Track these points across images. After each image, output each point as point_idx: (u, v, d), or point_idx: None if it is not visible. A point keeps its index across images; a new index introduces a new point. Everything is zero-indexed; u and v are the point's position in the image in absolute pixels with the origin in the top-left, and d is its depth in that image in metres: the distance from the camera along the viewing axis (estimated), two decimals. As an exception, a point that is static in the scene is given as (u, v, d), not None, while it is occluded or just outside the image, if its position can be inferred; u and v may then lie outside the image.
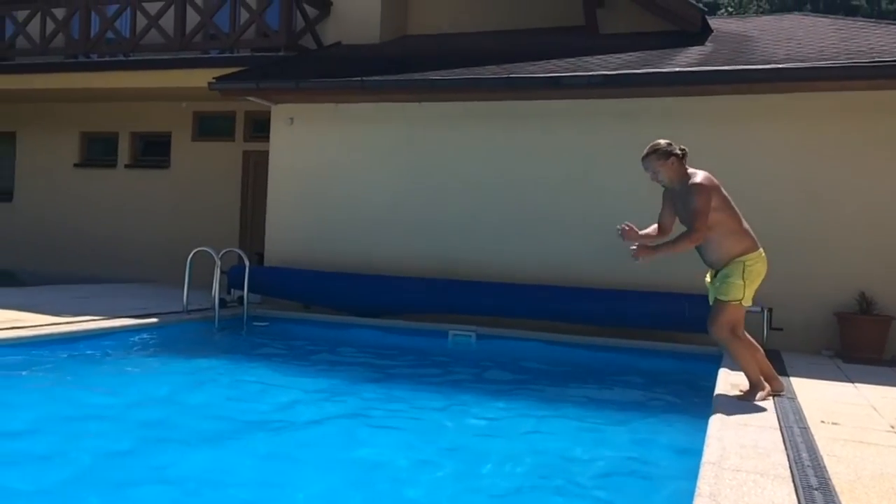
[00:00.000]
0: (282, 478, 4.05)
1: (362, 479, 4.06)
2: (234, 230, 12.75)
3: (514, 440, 4.93)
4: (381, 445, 4.68)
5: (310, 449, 4.59)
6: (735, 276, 4.97)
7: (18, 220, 14.44)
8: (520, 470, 4.31)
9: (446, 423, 5.33)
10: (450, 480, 4.11)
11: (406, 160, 9.87)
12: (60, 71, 12.47)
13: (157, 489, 3.73)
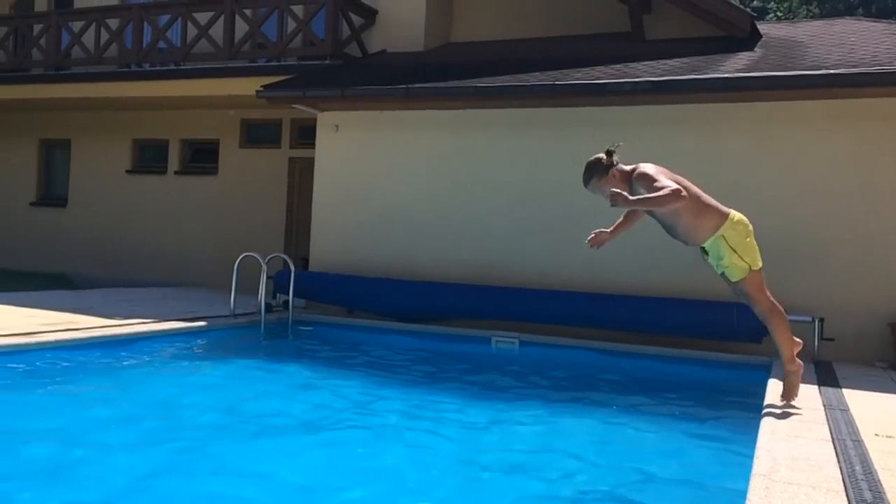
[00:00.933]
0: (326, 480, 4.10)
1: (401, 487, 4.08)
2: (279, 236, 12.92)
3: (559, 449, 4.91)
4: (424, 451, 4.69)
5: (352, 451, 4.64)
6: (725, 256, 4.87)
7: (72, 225, 14.84)
8: (564, 478, 4.30)
9: (492, 430, 5.33)
10: (501, 490, 4.09)
11: (450, 167, 9.91)
12: (114, 80, 12.82)
13: (219, 480, 3.93)
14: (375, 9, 12.14)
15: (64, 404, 5.37)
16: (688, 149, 8.65)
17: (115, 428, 4.82)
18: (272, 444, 4.63)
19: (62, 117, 14.97)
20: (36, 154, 15.54)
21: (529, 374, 7.30)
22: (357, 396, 5.98)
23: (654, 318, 8.15)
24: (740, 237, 4.84)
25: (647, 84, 8.35)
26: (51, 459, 4.12)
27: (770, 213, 7.98)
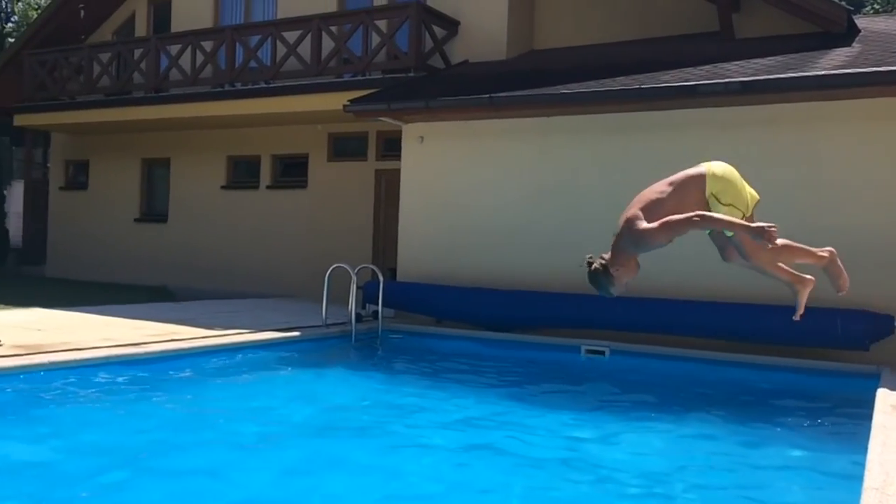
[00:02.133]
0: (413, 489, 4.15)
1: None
2: (367, 246, 13.16)
3: (657, 461, 4.82)
4: (518, 461, 4.68)
5: (456, 461, 4.68)
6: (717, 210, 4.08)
7: (172, 240, 15.52)
8: (665, 492, 4.21)
9: (588, 440, 5.28)
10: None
11: (537, 174, 9.87)
12: (209, 100, 13.38)
13: (329, 473, 4.30)
14: (458, 20, 12.25)
15: (184, 411, 5.70)
16: (783, 150, 8.36)
17: (238, 432, 5.09)
18: (383, 449, 4.75)
19: (162, 137, 15.69)
20: (139, 173, 16.34)
21: (624, 384, 7.19)
22: (456, 407, 6.02)
23: (754, 326, 7.89)
24: (732, 188, 4.06)
25: (738, 84, 8.12)
26: (192, 461, 4.44)
27: (877, 212, 7.62)
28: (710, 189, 3.98)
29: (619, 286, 4.04)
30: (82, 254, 16.58)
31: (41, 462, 4.37)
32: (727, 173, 4.08)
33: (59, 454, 4.51)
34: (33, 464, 4.32)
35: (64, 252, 17.04)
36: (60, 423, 5.21)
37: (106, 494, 3.87)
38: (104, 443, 4.76)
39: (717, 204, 4.02)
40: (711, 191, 3.99)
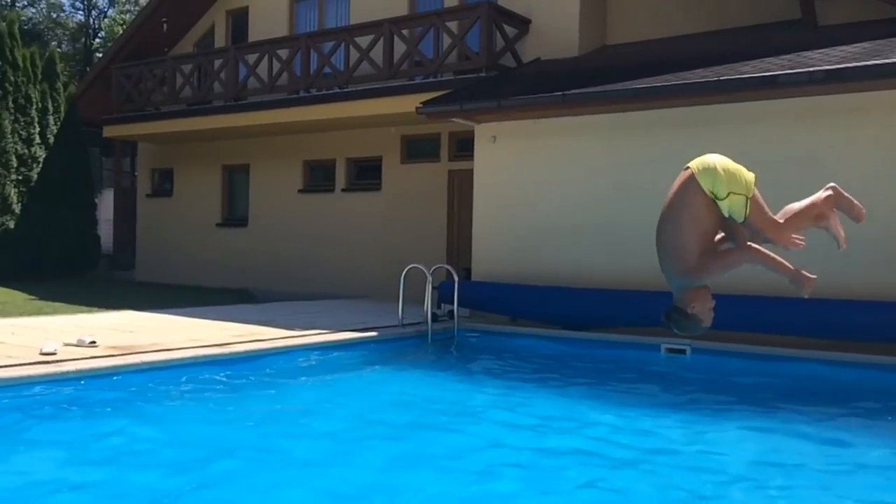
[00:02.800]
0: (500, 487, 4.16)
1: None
2: (441, 247, 13.24)
3: (744, 460, 4.71)
4: (602, 462, 4.64)
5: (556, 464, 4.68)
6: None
7: (252, 244, 15.97)
8: (756, 491, 4.11)
9: (672, 439, 5.20)
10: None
11: (612, 171, 9.75)
12: (286, 106, 13.71)
13: (412, 471, 4.42)
14: (528, 18, 12.21)
15: (269, 408, 5.90)
16: (872, 139, 8.03)
17: (322, 428, 5.26)
18: (465, 449, 4.80)
19: (241, 144, 16.17)
20: (220, 179, 16.87)
21: (707, 383, 7.04)
22: (536, 407, 6.00)
23: (843, 321, 7.59)
24: (726, 176, 3.68)
25: (823, 73, 7.83)
26: (284, 454, 4.64)
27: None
28: (706, 187, 3.66)
29: (706, 317, 3.72)
30: (168, 258, 17.24)
31: (148, 451, 4.63)
32: (714, 163, 3.73)
33: (163, 446, 4.77)
34: (137, 451, 4.55)
35: (151, 257, 17.75)
36: (160, 417, 5.47)
37: (213, 484, 4.10)
38: (201, 436, 5.00)
39: (717, 200, 3.68)
40: (708, 188, 3.66)
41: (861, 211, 4.00)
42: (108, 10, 35.66)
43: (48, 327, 8.31)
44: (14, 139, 15.73)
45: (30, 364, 5.92)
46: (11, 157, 15.66)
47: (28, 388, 5.49)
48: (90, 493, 3.86)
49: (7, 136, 15.55)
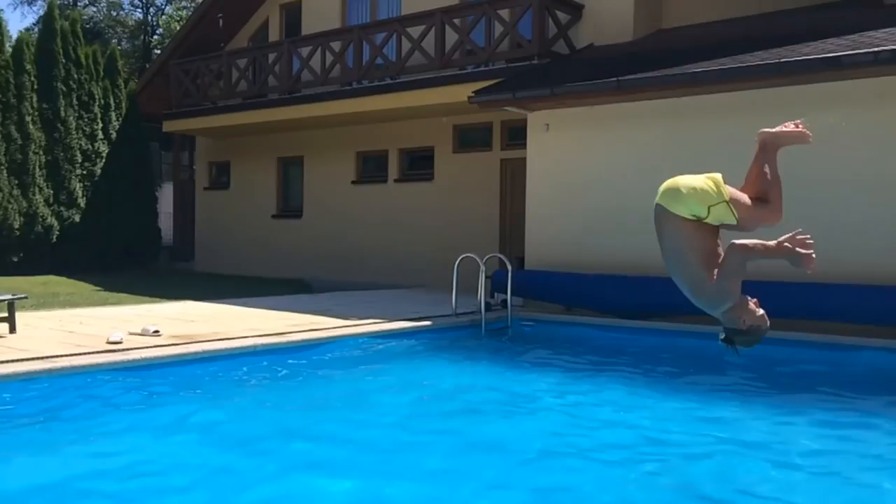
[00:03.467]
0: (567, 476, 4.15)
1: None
2: (494, 236, 13.22)
3: (809, 450, 4.60)
4: (668, 451, 4.58)
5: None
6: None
7: (307, 235, 16.19)
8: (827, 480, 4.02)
9: (737, 429, 5.11)
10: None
11: (668, 158, 9.57)
12: (339, 98, 13.83)
13: (476, 457, 4.52)
14: (581, 3, 12.06)
15: (329, 394, 6.03)
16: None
17: (386, 414, 5.37)
18: (536, 434, 4.82)
19: (295, 136, 16.38)
20: (275, 171, 17.14)
21: (766, 372, 6.87)
22: (595, 396, 5.95)
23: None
24: (695, 192, 3.47)
25: (889, 53, 7.55)
26: (349, 435, 4.81)
27: None
28: (686, 213, 3.44)
29: (762, 321, 3.49)
30: (226, 249, 17.61)
31: (214, 434, 4.79)
32: (678, 187, 3.54)
33: (226, 430, 4.94)
34: (203, 435, 4.68)
35: (210, 248, 18.15)
36: (223, 402, 5.63)
37: (278, 464, 4.26)
38: (262, 421, 5.14)
39: (702, 220, 3.46)
40: (689, 214, 3.43)
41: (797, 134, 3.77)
42: (165, 7, 36.46)
43: (114, 317, 8.58)
44: (78, 135, 16.24)
45: (98, 353, 6.12)
46: (76, 152, 16.17)
47: (96, 376, 5.68)
48: (167, 477, 3.99)
49: (72, 132, 16.06)
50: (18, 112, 15.19)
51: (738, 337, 3.48)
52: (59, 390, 5.35)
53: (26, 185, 15.26)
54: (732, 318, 3.45)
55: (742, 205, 3.41)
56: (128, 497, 3.72)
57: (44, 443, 4.52)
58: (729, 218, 3.39)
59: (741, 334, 3.47)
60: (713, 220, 3.39)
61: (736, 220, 3.41)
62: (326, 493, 3.85)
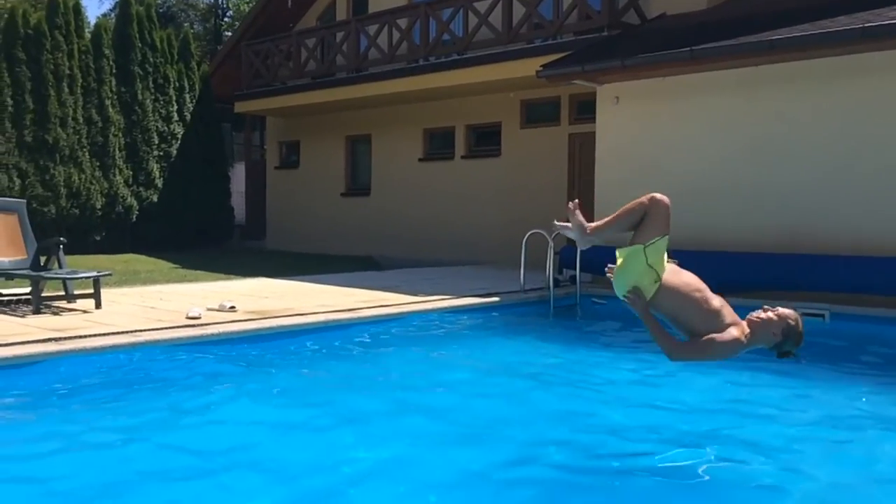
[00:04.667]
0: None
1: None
2: (562, 212, 13.04)
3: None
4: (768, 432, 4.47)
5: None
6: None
7: (374, 212, 16.35)
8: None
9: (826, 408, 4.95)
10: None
11: (743, 129, 9.28)
12: (405, 76, 13.85)
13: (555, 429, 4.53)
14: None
15: (402, 368, 6.13)
16: None
17: (456, 389, 5.42)
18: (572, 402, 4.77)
19: (363, 115, 16.51)
20: (343, 150, 17.33)
21: (853, 350, 6.63)
22: (672, 378, 5.83)
23: None
24: (624, 265, 3.79)
25: None
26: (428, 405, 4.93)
27: None
28: (648, 274, 3.63)
29: (791, 317, 3.58)
30: (296, 227, 17.94)
31: (290, 405, 4.92)
32: (621, 270, 3.81)
33: (302, 401, 5.08)
34: (283, 405, 4.82)
35: (280, 226, 18.52)
36: (298, 375, 5.78)
37: (358, 428, 4.43)
38: (337, 393, 5.26)
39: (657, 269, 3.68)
40: (651, 275, 3.64)
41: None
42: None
43: (191, 293, 8.85)
44: (155, 117, 16.73)
45: (178, 327, 6.33)
46: (153, 134, 16.68)
47: (177, 350, 5.88)
48: (260, 449, 4.12)
49: (149, 115, 16.56)
50: (99, 96, 15.73)
51: (790, 347, 3.58)
52: (144, 362, 5.57)
53: (107, 167, 15.83)
54: (766, 336, 3.58)
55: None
56: (216, 460, 3.87)
57: (134, 411, 4.71)
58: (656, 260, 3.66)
59: (788, 342, 3.56)
60: (654, 263, 3.67)
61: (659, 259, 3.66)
62: (408, 459, 3.92)
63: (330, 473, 3.72)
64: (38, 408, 4.76)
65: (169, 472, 3.71)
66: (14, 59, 14.51)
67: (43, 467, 3.73)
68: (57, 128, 14.89)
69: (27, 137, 14.55)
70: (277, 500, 3.41)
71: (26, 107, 14.56)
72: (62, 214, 14.93)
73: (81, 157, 15.32)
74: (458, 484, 3.61)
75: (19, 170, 14.45)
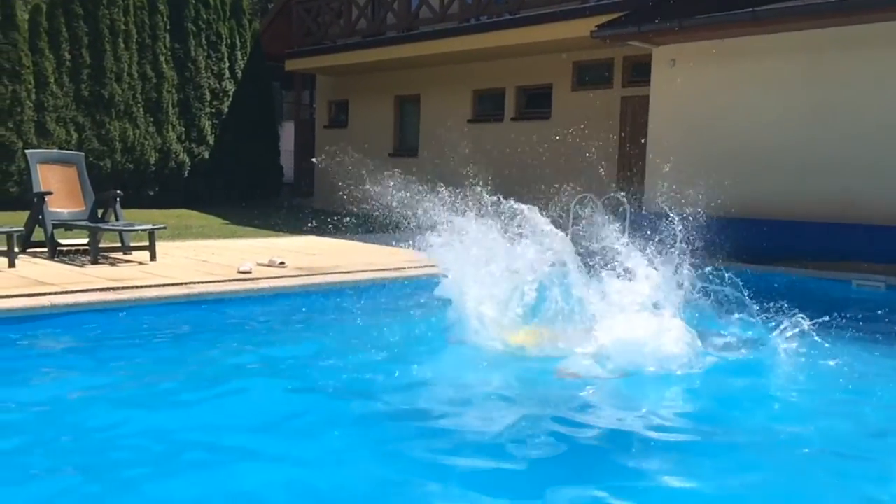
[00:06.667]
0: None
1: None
2: (612, 176, 12.89)
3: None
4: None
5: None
6: None
7: (422, 174, 16.26)
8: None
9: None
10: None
11: (804, 94, 9.01)
12: (457, 35, 13.69)
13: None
14: (715, -71, 11.32)
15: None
16: None
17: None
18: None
19: (413, 74, 16.40)
20: (392, 110, 17.28)
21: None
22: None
23: None
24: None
25: None
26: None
27: None
28: None
29: None
30: (344, 187, 17.99)
31: (337, 355, 5.06)
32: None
33: (349, 350, 5.21)
34: (329, 356, 4.91)
35: (328, 185, 18.62)
36: (345, 329, 5.88)
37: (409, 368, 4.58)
38: (388, 342, 5.36)
39: None
40: None
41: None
42: (286, -54, 36.97)
43: (242, 248, 9.00)
44: (207, 74, 16.87)
45: (230, 281, 6.46)
46: (205, 91, 16.83)
47: (229, 303, 6.01)
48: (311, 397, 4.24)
49: (202, 71, 16.70)
50: (153, 52, 15.90)
51: None
52: (201, 313, 5.72)
53: (161, 123, 16.06)
54: None
55: None
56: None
57: (187, 358, 4.85)
58: None
59: None
60: None
61: None
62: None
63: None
64: (99, 351, 4.93)
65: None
66: (72, 14, 14.72)
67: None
68: (112, 83, 15.12)
69: (84, 92, 14.82)
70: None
71: (83, 62, 14.80)
72: (117, 169, 15.24)
73: (136, 113, 15.56)
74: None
75: (76, 124, 14.76)
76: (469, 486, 3.12)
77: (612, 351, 4.72)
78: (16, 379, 4.32)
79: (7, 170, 13.63)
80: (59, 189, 7.78)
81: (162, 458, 3.29)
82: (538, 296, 5.25)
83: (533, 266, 5.20)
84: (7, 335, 4.90)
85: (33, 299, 5.33)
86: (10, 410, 3.76)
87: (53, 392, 4.13)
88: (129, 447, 3.38)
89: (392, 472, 3.23)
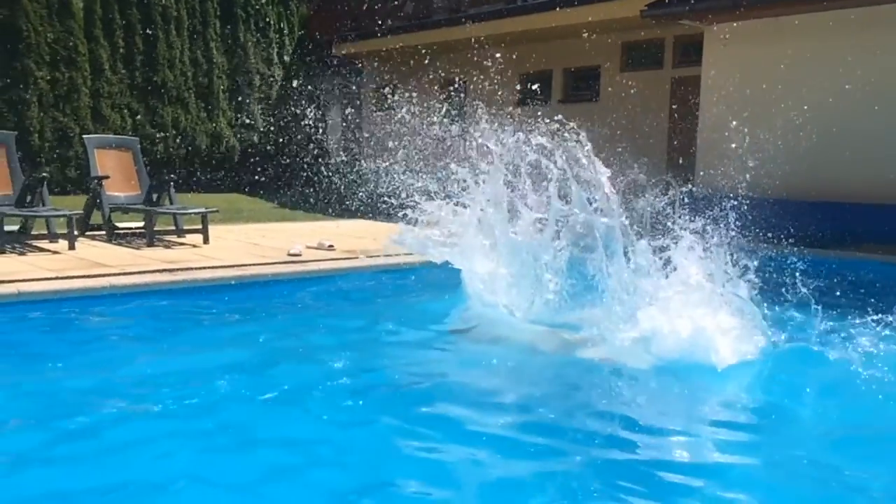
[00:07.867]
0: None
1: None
2: (661, 158, 12.70)
3: None
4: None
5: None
6: None
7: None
8: None
9: None
10: None
11: (861, 74, 8.73)
12: (504, 16, 13.60)
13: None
14: None
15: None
16: None
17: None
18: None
19: (458, 58, 16.32)
20: (438, 93, 17.23)
21: None
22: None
23: None
24: None
25: None
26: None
27: None
28: None
29: None
30: (390, 171, 18.06)
31: (390, 333, 5.25)
32: None
33: (403, 328, 5.39)
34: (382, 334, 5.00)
35: (375, 170, 18.71)
36: (396, 307, 6.02)
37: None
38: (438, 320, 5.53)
39: None
40: None
41: None
42: (332, -69, 37.06)
43: (291, 232, 9.12)
44: (256, 59, 17.06)
45: (281, 263, 6.57)
46: (255, 76, 17.04)
47: (280, 284, 6.11)
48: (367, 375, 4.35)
49: (251, 57, 16.90)
50: (204, 38, 16.13)
51: None
52: (256, 295, 5.83)
53: (211, 109, 16.31)
54: None
55: None
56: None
57: (237, 337, 4.96)
58: None
59: None
60: None
61: None
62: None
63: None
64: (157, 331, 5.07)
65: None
66: (125, 2, 15.00)
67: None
68: (165, 69, 15.39)
69: (137, 78, 15.12)
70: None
71: (137, 48, 15.10)
72: (169, 154, 15.54)
73: (188, 98, 15.83)
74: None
75: (130, 109, 15.08)
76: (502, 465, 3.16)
77: (667, 337, 4.60)
78: (83, 356, 4.47)
79: (66, 155, 14.00)
80: (115, 173, 7.97)
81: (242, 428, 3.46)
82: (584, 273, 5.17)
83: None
84: (68, 315, 5.07)
85: (93, 280, 5.49)
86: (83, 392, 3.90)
87: (130, 368, 4.30)
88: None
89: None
